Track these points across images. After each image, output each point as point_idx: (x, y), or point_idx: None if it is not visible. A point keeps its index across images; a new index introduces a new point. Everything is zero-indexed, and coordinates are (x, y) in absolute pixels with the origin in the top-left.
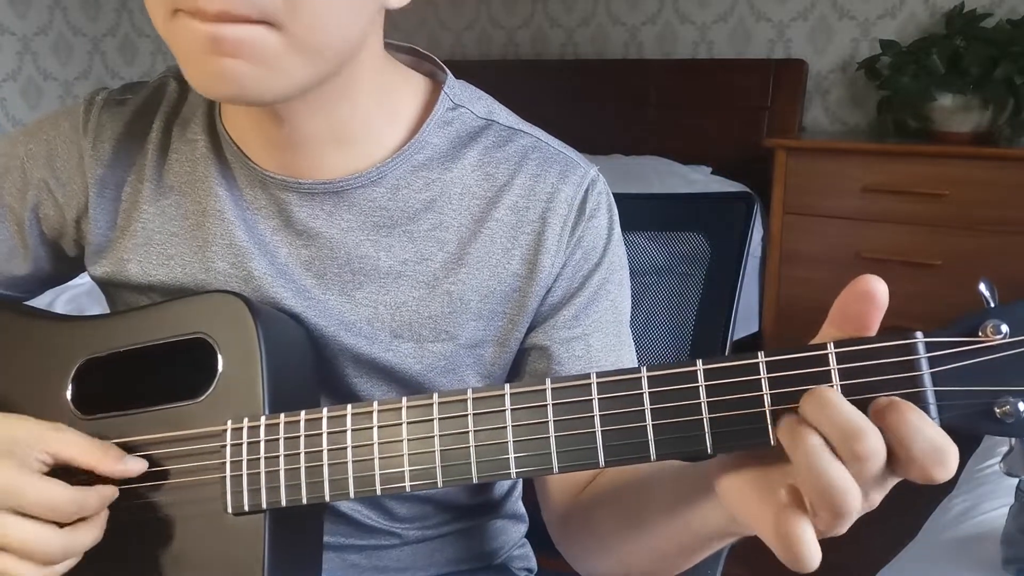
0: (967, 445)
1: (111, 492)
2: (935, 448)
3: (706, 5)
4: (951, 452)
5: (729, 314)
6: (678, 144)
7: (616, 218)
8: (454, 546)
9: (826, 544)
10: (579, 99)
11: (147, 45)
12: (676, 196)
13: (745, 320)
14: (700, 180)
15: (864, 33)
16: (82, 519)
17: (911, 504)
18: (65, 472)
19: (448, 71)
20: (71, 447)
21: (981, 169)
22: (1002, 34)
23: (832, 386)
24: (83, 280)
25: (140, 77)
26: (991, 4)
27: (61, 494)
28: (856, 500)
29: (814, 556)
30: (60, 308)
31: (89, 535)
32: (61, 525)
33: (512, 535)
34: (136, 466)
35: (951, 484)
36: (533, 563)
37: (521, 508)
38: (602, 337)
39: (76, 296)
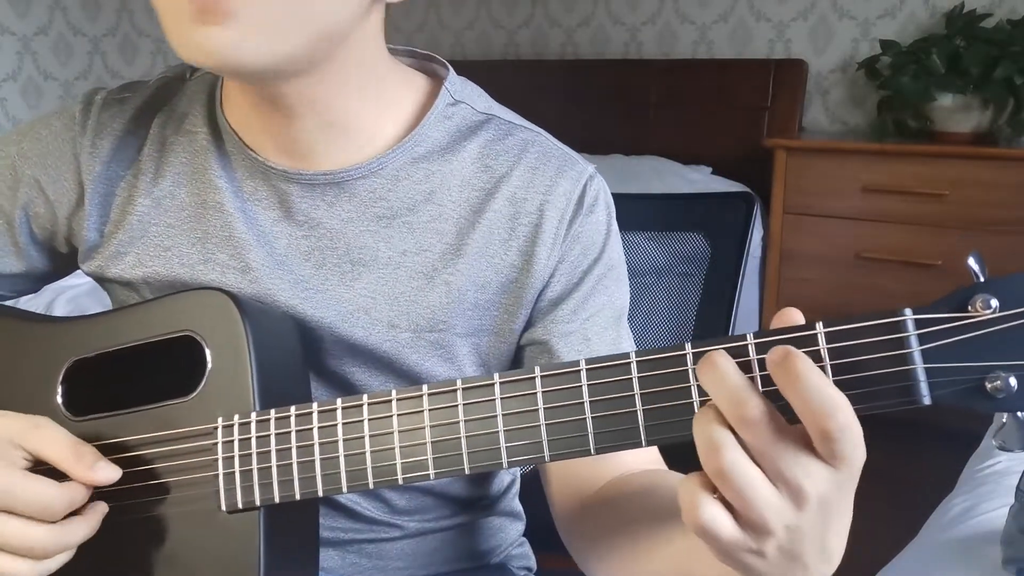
0: (967, 445)
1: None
2: (824, 395)
3: (706, 5)
4: (841, 403)
5: (729, 314)
6: (678, 144)
7: (613, 214)
8: (453, 543)
9: None
10: (579, 99)
11: (147, 45)
12: (676, 196)
13: (745, 320)
14: (700, 180)
15: (864, 33)
16: (75, 513)
17: (911, 504)
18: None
19: (450, 68)
20: (48, 447)
21: (981, 169)
22: (1002, 34)
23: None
24: (83, 280)
25: (140, 77)
26: (991, 4)
27: (51, 492)
28: (736, 457)
29: (705, 517)
30: (60, 308)
31: (82, 529)
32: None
33: (510, 533)
34: (106, 475)
35: (951, 484)
36: (532, 562)
37: (518, 506)
38: (600, 332)
39: (76, 296)
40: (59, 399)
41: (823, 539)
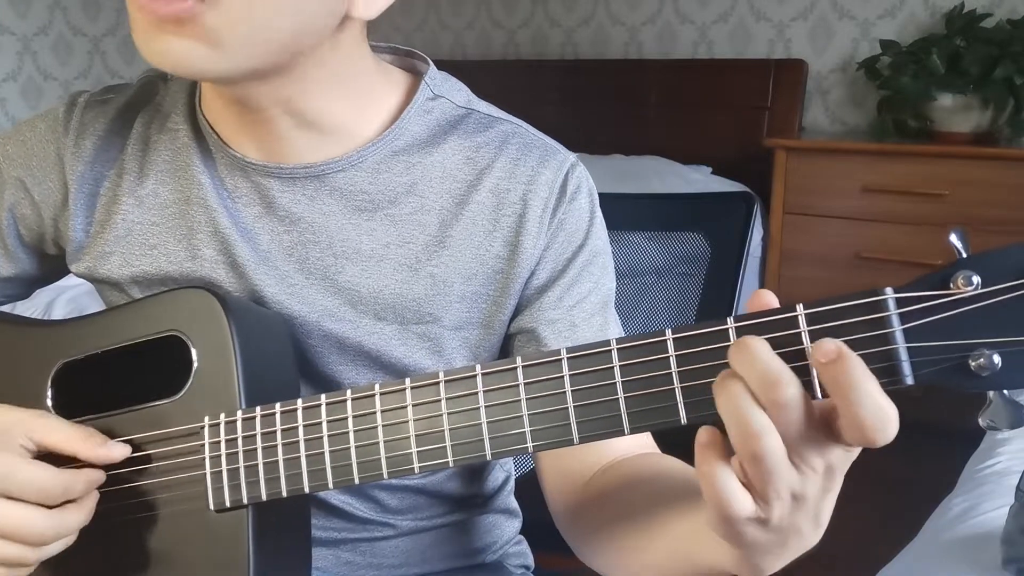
0: (967, 445)
1: (97, 476)
2: (878, 408)
3: (706, 5)
4: (893, 416)
5: (729, 314)
6: (678, 144)
7: (596, 202)
8: (448, 541)
9: (826, 543)
10: (579, 99)
11: None
12: (676, 196)
13: None
14: (700, 180)
15: (864, 33)
16: (70, 501)
17: (911, 504)
18: (51, 459)
19: (431, 63)
20: (54, 433)
21: (981, 169)
22: (1002, 34)
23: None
24: (81, 280)
25: (139, 77)
26: (991, 4)
27: (49, 477)
28: (774, 444)
29: (732, 497)
30: (60, 308)
31: (78, 516)
32: (49, 507)
33: (506, 530)
34: (119, 451)
35: (951, 484)
36: (530, 560)
37: (514, 503)
38: (587, 318)
39: (76, 296)
40: (49, 402)
41: (819, 506)
